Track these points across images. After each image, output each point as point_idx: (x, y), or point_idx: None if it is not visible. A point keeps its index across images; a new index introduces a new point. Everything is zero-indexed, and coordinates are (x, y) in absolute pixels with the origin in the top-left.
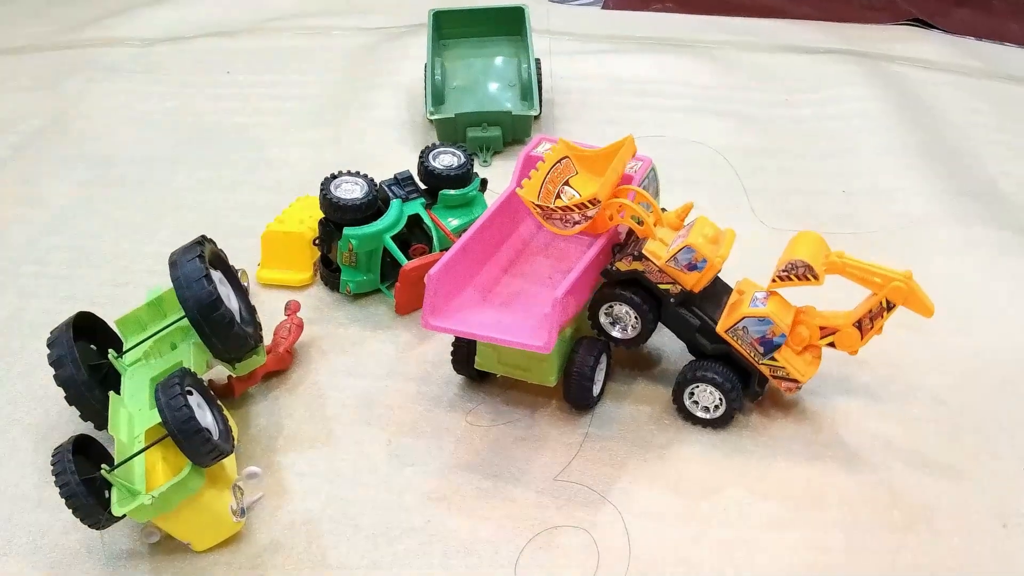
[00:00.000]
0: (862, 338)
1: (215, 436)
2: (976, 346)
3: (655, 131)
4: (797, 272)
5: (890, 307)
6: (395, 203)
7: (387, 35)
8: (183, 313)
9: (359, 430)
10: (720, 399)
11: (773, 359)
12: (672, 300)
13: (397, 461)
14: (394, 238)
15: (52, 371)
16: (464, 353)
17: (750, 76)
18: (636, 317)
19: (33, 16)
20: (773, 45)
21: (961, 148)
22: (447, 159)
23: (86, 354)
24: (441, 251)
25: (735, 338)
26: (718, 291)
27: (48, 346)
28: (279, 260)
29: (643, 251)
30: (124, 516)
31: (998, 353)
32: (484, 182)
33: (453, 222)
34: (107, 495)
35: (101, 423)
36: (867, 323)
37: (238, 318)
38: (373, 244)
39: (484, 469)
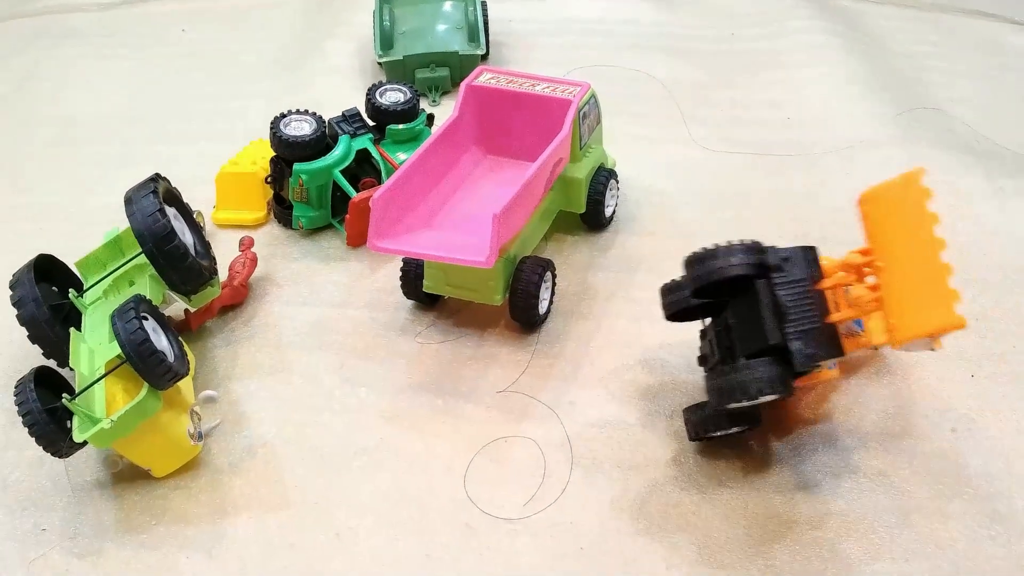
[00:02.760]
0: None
1: (170, 359)
2: None
3: (591, 68)
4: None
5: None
6: (343, 138)
7: None
8: (139, 250)
9: (313, 357)
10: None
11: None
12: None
13: (350, 384)
14: (344, 173)
15: (15, 313)
16: (412, 277)
17: (696, 14)
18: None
19: None
20: None
21: (907, 76)
22: (394, 95)
23: (48, 295)
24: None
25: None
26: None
27: (10, 287)
28: (233, 201)
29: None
30: (85, 443)
31: None
32: (431, 117)
33: (401, 156)
34: (69, 425)
35: (64, 361)
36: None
37: (192, 251)
38: (323, 179)
39: (435, 388)
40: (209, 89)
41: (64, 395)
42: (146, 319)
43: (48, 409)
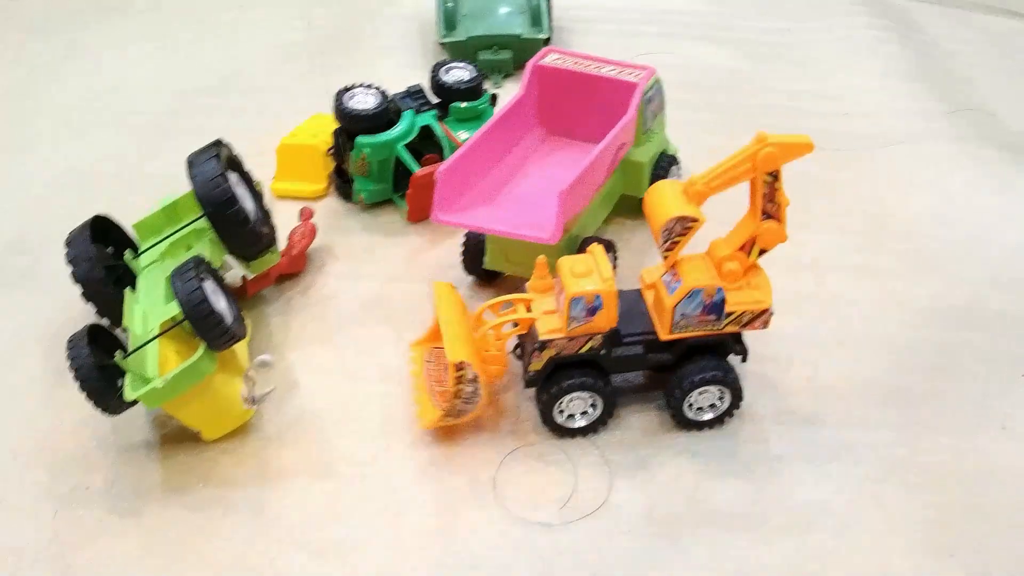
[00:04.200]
0: (780, 221)
1: (228, 321)
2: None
3: (649, 57)
4: (675, 231)
5: (775, 175)
6: (407, 113)
7: None
8: (197, 216)
9: (369, 329)
10: (721, 391)
11: (730, 314)
12: (604, 352)
13: (404, 357)
14: (407, 148)
15: (70, 271)
16: (474, 252)
17: (753, 6)
18: (590, 394)
19: None
20: None
21: (954, 74)
22: (458, 73)
23: (102, 256)
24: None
25: (684, 331)
26: (630, 304)
27: (66, 245)
28: (293, 172)
29: (540, 338)
30: (135, 402)
31: (988, 262)
32: (494, 97)
33: (463, 135)
34: (120, 384)
35: (117, 321)
36: (771, 206)
37: (252, 218)
38: (386, 153)
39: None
40: (263, 62)
41: (117, 352)
42: (205, 280)
43: (100, 366)
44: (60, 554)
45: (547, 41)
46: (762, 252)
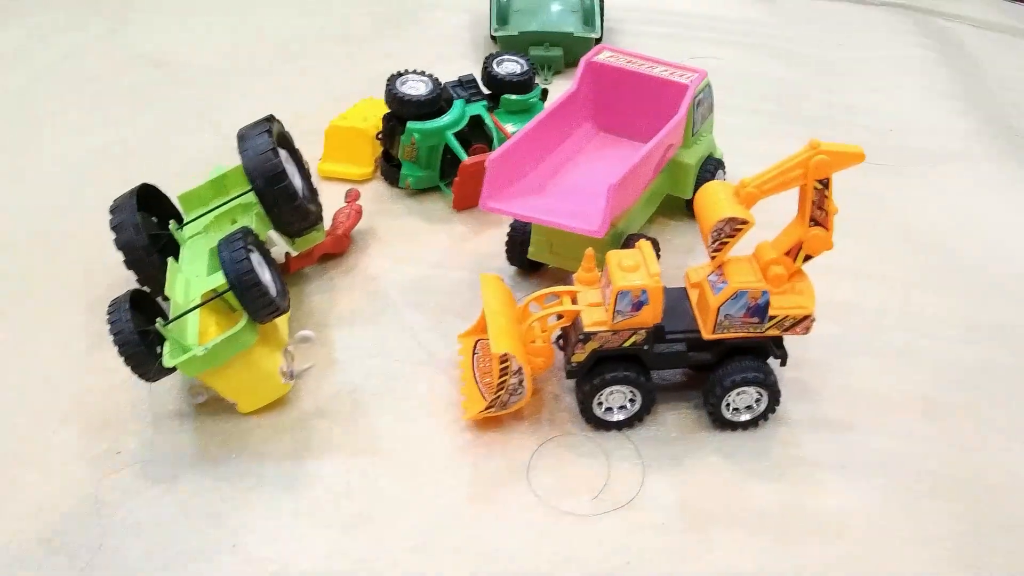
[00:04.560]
0: (827, 228)
1: (272, 293)
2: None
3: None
4: (725, 232)
5: (825, 183)
6: (458, 102)
7: None
8: (245, 190)
9: (410, 312)
10: (760, 393)
11: (773, 317)
12: (647, 347)
13: (445, 342)
14: (456, 136)
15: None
16: (518, 243)
17: (807, 20)
18: (630, 388)
19: None
20: None
21: (1003, 98)
22: (510, 66)
23: (147, 224)
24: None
25: (726, 331)
26: (674, 301)
27: (111, 211)
28: (340, 154)
29: (585, 330)
30: (173, 370)
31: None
32: (545, 92)
33: (510, 127)
34: (159, 351)
35: (158, 290)
36: (819, 213)
37: (300, 194)
38: (435, 140)
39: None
40: (313, 44)
41: (158, 319)
42: (252, 251)
43: (140, 331)
44: (95, 516)
45: (598, 41)
46: (808, 258)
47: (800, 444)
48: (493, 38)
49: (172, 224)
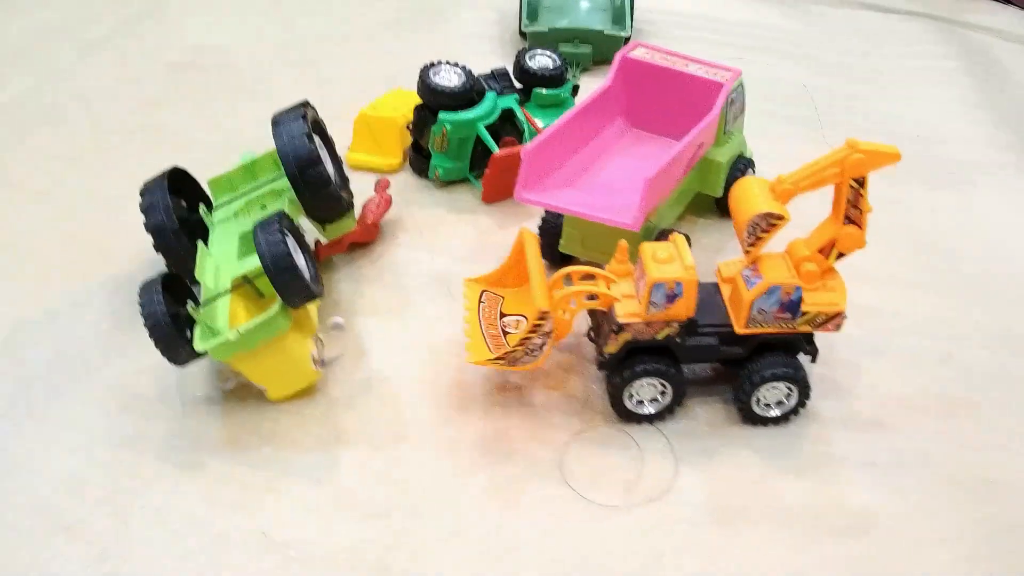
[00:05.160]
0: (861, 227)
1: (307, 278)
2: None
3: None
4: (761, 228)
5: (862, 182)
6: (490, 94)
7: None
8: (275, 176)
9: (438, 303)
10: (790, 388)
11: (805, 313)
12: (680, 340)
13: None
14: (487, 129)
15: (142, 219)
16: (549, 235)
17: (835, 29)
18: (661, 381)
19: None
20: (857, 2)
21: None
22: (543, 61)
23: (177, 208)
24: None
25: (758, 326)
26: (706, 296)
27: (141, 194)
28: (369, 144)
29: (619, 321)
30: (203, 354)
31: None
32: (575, 87)
33: (539, 123)
34: (189, 335)
35: (186, 274)
36: (854, 212)
37: (333, 180)
38: (466, 131)
39: (558, 344)
40: (341, 34)
41: (189, 302)
42: (288, 236)
43: (171, 315)
44: (120, 499)
45: (627, 40)
46: (840, 256)
47: (829, 441)
48: (522, 34)
49: (202, 208)
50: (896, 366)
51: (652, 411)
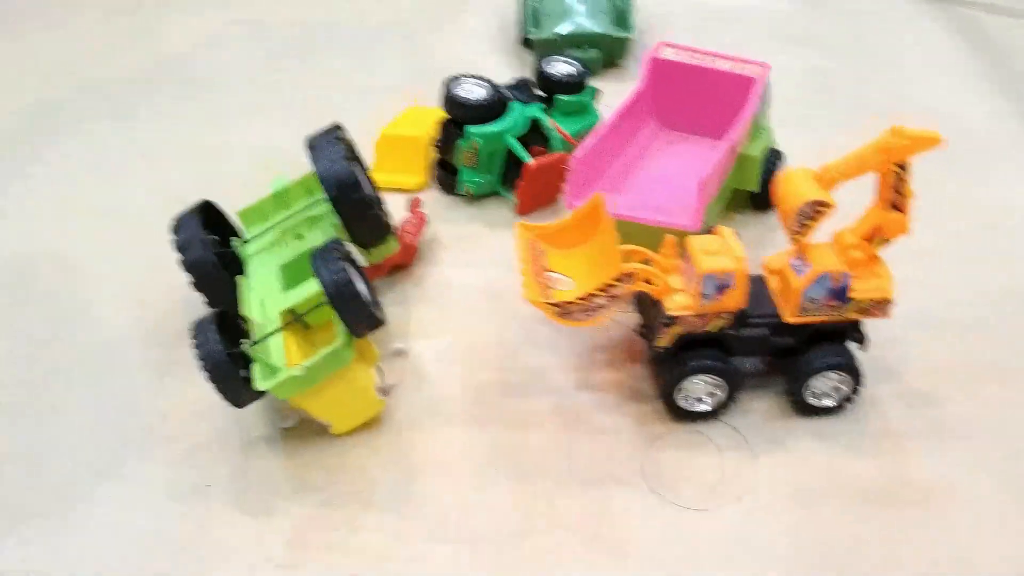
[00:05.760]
0: (905, 212)
1: (371, 306)
2: None
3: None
4: (808, 215)
5: (904, 167)
6: (516, 105)
7: None
8: (309, 202)
9: (489, 319)
10: (842, 377)
11: (853, 300)
12: (732, 331)
13: (531, 346)
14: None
15: (178, 257)
16: None
17: (836, 12)
18: (714, 377)
19: None
20: None
21: None
22: (564, 67)
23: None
24: (563, 153)
25: (809, 314)
26: (755, 288)
27: (173, 231)
28: (393, 164)
29: (670, 313)
30: (264, 393)
31: None
32: (596, 92)
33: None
34: (242, 374)
35: (228, 310)
36: (898, 198)
37: (374, 202)
38: (496, 144)
39: (617, 353)
40: (340, 55)
41: (243, 339)
42: (347, 264)
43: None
44: (202, 551)
45: (626, 41)
46: (885, 242)
47: (888, 419)
48: (526, 42)
49: (235, 240)
50: (939, 339)
51: (704, 409)
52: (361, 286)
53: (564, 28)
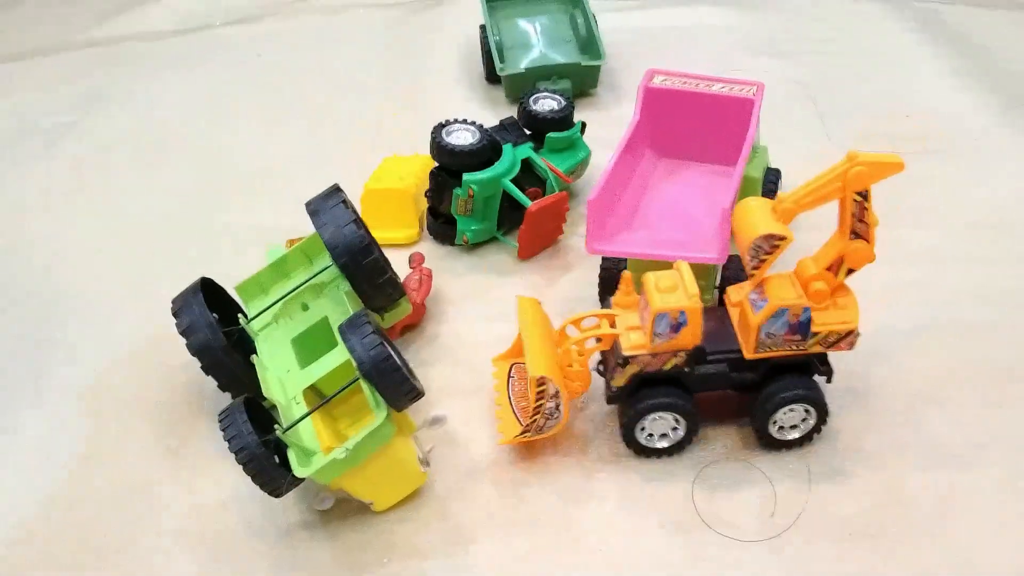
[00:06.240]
0: (869, 241)
1: (410, 377)
2: None
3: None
4: (764, 250)
5: (865, 195)
6: (507, 147)
7: (410, 9)
8: (310, 269)
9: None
10: (807, 410)
11: (815, 334)
12: (688, 369)
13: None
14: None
15: (183, 341)
16: (613, 280)
17: (789, 20)
18: (675, 416)
19: (39, 19)
20: None
21: (998, 68)
22: (548, 103)
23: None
24: (558, 192)
25: (768, 350)
26: (718, 321)
27: (175, 314)
28: (382, 219)
29: (624, 353)
30: (302, 480)
31: None
32: (583, 125)
33: (551, 166)
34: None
35: (240, 393)
36: (860, 226)
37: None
38: (492, 189)
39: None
40: (313, 107)
41: (277, 426)
42: (381, 335)
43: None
44: None
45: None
46: (850, 271)
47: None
48: (490, 78)
49: (242, 319)
50: (939, 340)
51: (665, 445)
52: (397, 358)
53: (529, 61)
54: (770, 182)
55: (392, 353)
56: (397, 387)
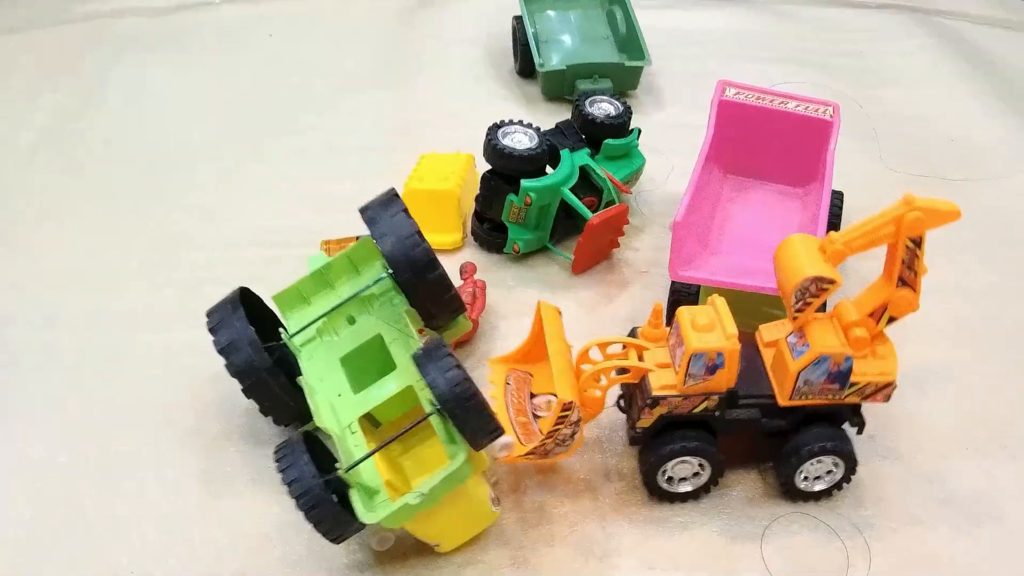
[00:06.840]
0: (915, 290)
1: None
2: None
3: (744, 79)
4: (811, 292)
5: (918, 242)
6: (565, 153)
7: None
8: (357, 280)
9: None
10: (836, 461)
11: (854, 384)
12: (718, 414)
13: (619, 420)
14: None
15: (221, 360)
16: (682, 304)
17: (815, 28)
18: (699, 460)
19: None
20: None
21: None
22: (605, 107)
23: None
24: (617, 204)
25: (804, 397)
26: (747, 360)
27: (212, 330)
28: (425, 222)
29: (653, 393)
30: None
31: None
32: (639, 132)
33: (609, 175)
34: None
35: (283, 417)
36: (908, 273)
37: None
38: (549, 197)
39: None
40: (319, 103)
41: (337, 465)
42: (463, 366)
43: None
44: None
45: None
46: (891, 320)
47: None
48: (522, 73)
49: (283, 333)
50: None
51: (688, 489)
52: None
53: (569, 57)
54: (834, 205)
55: (477, 389)
56: (482, 426)
